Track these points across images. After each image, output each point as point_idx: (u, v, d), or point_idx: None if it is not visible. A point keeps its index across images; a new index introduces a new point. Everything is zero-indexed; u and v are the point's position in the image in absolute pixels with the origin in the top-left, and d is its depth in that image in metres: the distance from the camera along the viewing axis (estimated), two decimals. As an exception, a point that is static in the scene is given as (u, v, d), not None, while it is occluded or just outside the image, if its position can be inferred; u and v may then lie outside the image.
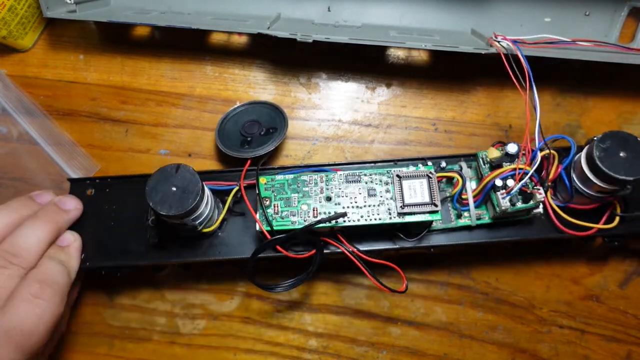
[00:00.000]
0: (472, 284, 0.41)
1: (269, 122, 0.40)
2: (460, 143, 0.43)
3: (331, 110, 0.44)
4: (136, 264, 0.37)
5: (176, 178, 0.32)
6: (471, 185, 0.36)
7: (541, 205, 0.34)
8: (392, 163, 0.37)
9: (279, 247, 0.33)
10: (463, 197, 0.35)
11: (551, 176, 0.34)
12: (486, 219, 0.35)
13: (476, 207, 0.35)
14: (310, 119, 0.43)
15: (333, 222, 0.32)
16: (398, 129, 0.43)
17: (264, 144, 0.38)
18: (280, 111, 0.40)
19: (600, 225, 0.35)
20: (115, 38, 0.44)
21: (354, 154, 0.43)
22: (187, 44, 0.38)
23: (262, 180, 0.33)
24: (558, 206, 0.35)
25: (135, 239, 0.37)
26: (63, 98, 0.44)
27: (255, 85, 0.44)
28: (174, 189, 0.31)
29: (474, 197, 0.35)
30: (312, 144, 0.43)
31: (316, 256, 0.34)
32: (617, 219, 0.35)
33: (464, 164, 0.36)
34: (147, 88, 0.44)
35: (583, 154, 0.33)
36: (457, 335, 0.41)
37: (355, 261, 0.34)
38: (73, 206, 0.37)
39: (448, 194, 0.36)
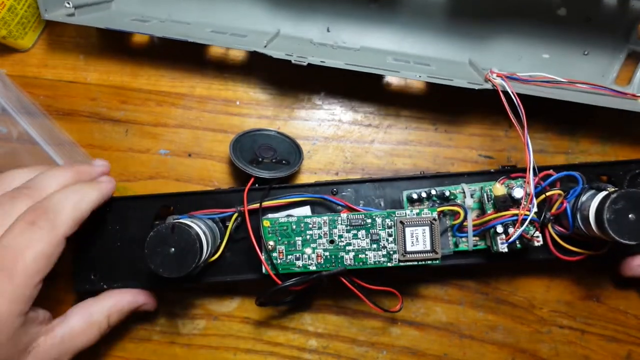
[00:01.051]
0: (472, 284, 0.41)
1: (284, 154, 0.40)
2: (461, 143, 0.43)
3: (331, 110, 0.44)
4: (146, 288, 0.37)
5: (173, 238, 0.31)
6: (471, 215, 0.35)
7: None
8: (394, 181, 0.38)
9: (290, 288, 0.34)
10: (463, 224, 0.35)
11: (553, 211, 0.35)
12: (482, 245, 0.36)
13: (474, 235, 0.35)
14: (310, 119, 0.43)
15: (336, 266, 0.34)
16: (398, 129, 0.43)
17: (271, 170, 0.38)
18: (299, 150, 0.41)
19: (589, 252, 0.35)
20: (116, 39, 0.44)
21: (354, 154, 0.43)
22: (187, 46, 0.39)
23: (266, 223, 0.34)
24: (557, 233, 0.35)
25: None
26: (63, 98, 0.44)
27: (256, 85, 0.44)
28: (173, 249, 0.31)
29: (474, 226, 0.35)
30: (312, 144, 0.43)
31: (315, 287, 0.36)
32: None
33: (465, 187, 0.36)
34: (147, 88, 0.44)
35: (594, 206, 0.32)
36: (457, 335, 0.41)
37: (352, 288, 0.35)
38: (101, 163, 0.36)
39: (448, 222, 0.36)
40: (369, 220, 0.33)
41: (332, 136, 0.43)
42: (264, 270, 0.34)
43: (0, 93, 0.41)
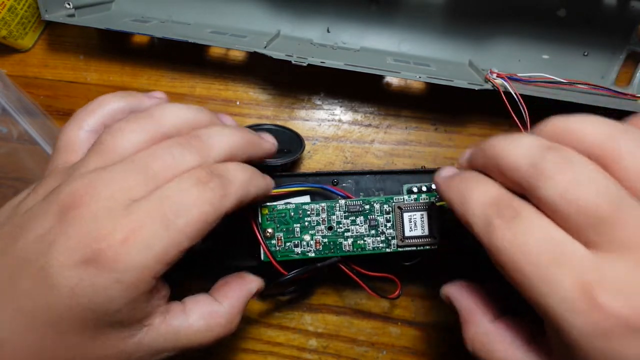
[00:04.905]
0: (472, 284, 0.41)
1: (286, 144, 0.40)
2: (461, 143, 0.43)
3: (331, 110, 0.44)
4: None
5: None
6: None
7: None
8: (394, 175, 0.38)
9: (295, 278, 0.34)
10: None
11: None
12: None
13: None
14: (310, 119, 0.43)
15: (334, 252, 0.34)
16: (398, 129, 0.43)
17: (272, 159, 0.38)
18: (300, 138, 0.41)
19: None
20: (116, 39, 0.44)
21: (354, 154, 0.43)
22: (187, 46, 0.39)
23: (264, 210, 0.34)
24: None
25: None
26: (63, 98, 0.44)
27: (256, 85, 0.44)
28: None
29: None
30: (312, 144, 0.43)
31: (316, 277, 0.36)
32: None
33: None
34: (147, 88, 0.44)
35: None
36: (459, 336, 0.41)
37: (350, 274, 0.35)
38: (272, 140, 0.33)
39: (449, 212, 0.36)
40: (367, 206, 0.33)
41: (332, 136, 0.43)
42: (262, 257, 0.33)
43: (1, 93, 0.41)
